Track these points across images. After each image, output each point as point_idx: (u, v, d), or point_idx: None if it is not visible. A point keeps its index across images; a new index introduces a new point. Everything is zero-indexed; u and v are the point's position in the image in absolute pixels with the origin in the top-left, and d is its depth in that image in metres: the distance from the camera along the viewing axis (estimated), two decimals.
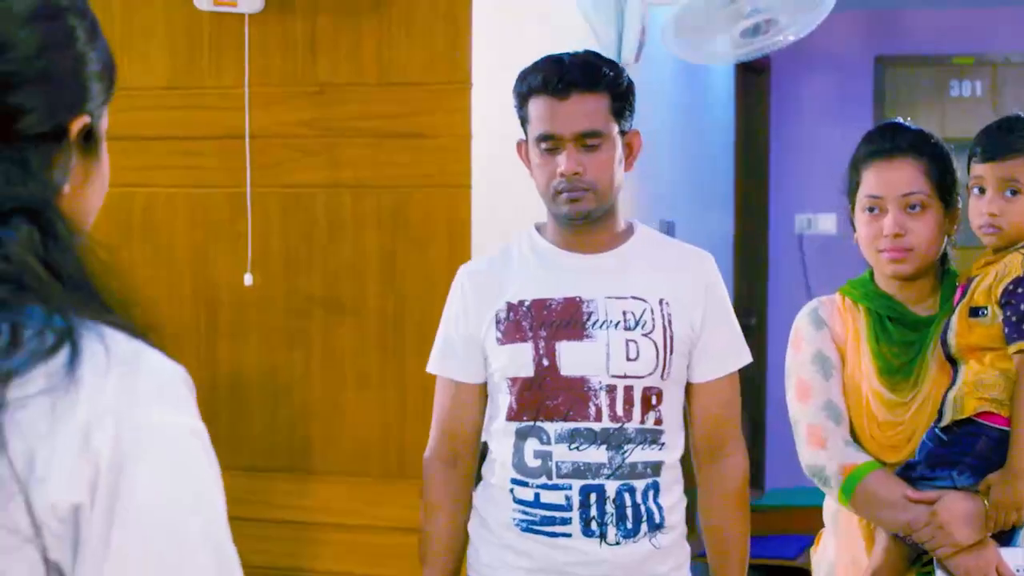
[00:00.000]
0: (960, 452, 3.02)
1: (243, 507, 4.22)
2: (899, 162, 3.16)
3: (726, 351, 3.25)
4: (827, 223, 8.74)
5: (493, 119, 4.18)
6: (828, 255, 8.49)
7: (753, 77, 8.64)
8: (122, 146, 4.53)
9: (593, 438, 3.10)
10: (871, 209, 3.17)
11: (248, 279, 4.24)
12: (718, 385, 3.25)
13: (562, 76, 3.11)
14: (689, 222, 6.86)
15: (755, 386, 8.04)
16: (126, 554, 1.24)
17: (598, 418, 3.10)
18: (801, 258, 8.65)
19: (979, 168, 3.11)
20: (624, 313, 3.13)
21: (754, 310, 8.63)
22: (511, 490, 3.18)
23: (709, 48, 5.32)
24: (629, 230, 3.27)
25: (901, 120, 3.32)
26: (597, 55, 3.23)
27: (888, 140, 3.20)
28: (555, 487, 3.12)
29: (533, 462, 3.14)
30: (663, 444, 3.16)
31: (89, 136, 1.40)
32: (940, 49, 8.75)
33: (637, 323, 3.13)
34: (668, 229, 6.34)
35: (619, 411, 3.11)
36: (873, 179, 3.18)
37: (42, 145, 1.35)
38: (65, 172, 1.37)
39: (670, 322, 3.15)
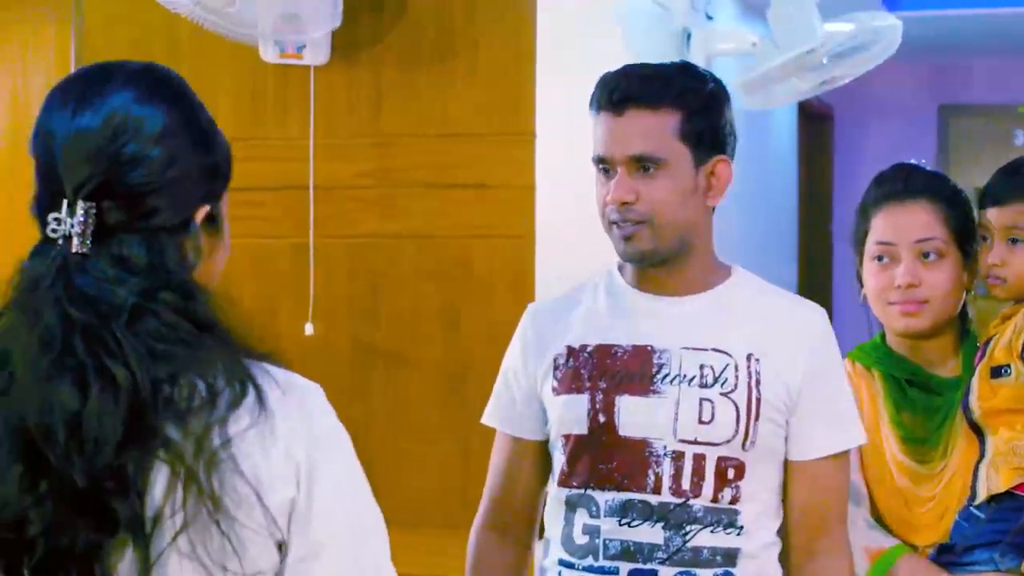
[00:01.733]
0: (1000, 530, 2.69)
1: None
2: (913, 206, 2.86)
3: (830, 426, 2.62)
4: None
5: (556, 170, 4.18)
6: None
7: (817, 127, 8.62)
8: None
9: (648, 513, 2.56)
10: (880, 258, 2.89)
11: (309, 328, 4.26)
12: (818, 467, 2.61)
13: (618, 88, 2.61)
14: (752, 273, 6.83)
15: None
16: (323, 517, 1.71)
17: (656, 490, 2.55)
18: (866, 309, 8.60)
19: (984, 214, 2.87)
20: (701, 367, 2.58)
21: None
22: (559, 573, 2.67)
23: (772, 97, 5.33)
24: (724, 273, 2.72)
25: (916, 162, 3.04)
26: (684, 66, 2.70)
27: (901, 182, 2.90)
28: (600, 570, 2.59)
29: (581, 539, 2.62)
30: (741, 528, 2.56)
31: (212, 219, 1.78)
32: (1004, 98, 8.72)
33: (716, 380, 2.57)
34: None
35: (684, 483, 2.55)
36: (884, 224, 2.88)
37: (175, 234, 1.72)
38: (197, 251, 1.75)
39: (758, 382, 2.57)
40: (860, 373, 2.94)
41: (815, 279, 8.60)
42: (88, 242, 1.66)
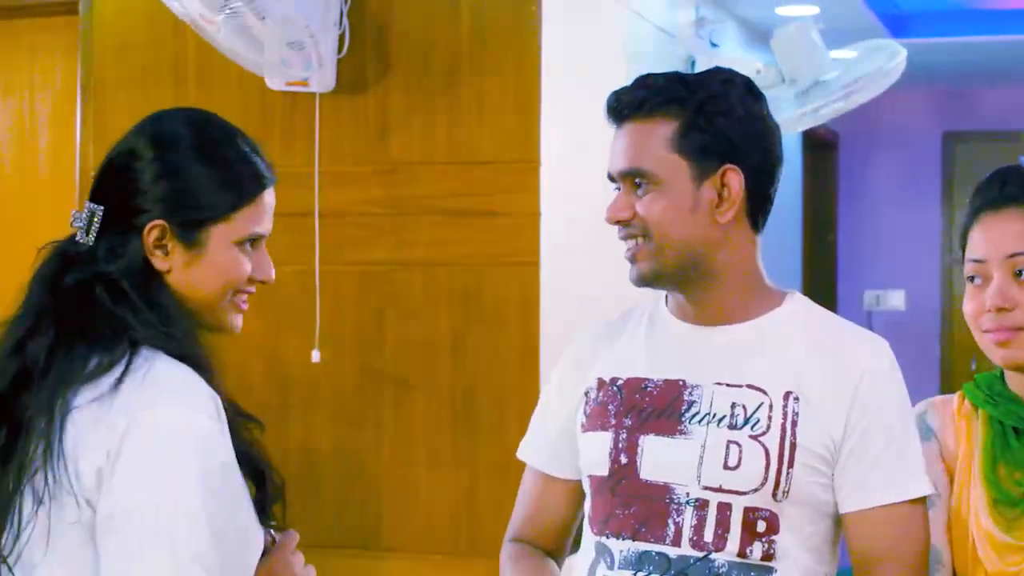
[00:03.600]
0: None
1: None
2: (1008, 215, 2.37)
3: (881, 475, 2.30)
4: (896, 299, 8.70)
5: (562, 197, 4.19)
6: (897, 332, 8.43)
7: (822, 153, 8.63)
8: None
9: (665, 567, 2.28)
10: (973, 278, 2.39)
11: (316, 355, 4.26)
12: (875, 518, 2.30)
13: (616, 97, 2.39)
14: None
15: None
16: (119, 492, 1.95)
17: (676, 542, 2.28)
18: None
19: None
20: (733, 406, 2.31)
21: None
22: None
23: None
24: (774, 300, 2.42)
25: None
26: (693, 72, 2.44)
27: (996, 187, 2.40)
28: None
29: None
30: None
31: (181, 236, 2.10)
32: (1009, 125, 8.73)
33: (747, 421, 2.29)
34: None
35: (707, 536, 2.28)
36: (976, 239, 2.39)
37: (124, 240, 2.09)
38: (134, 259, 2.08)
39: (794, 423, 2.28)
40: (966, 413, 2.45)
41: (819, 304, 8.59)
42: (87, 236, 2.10)
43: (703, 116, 2.32)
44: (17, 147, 5.17)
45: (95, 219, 2.09)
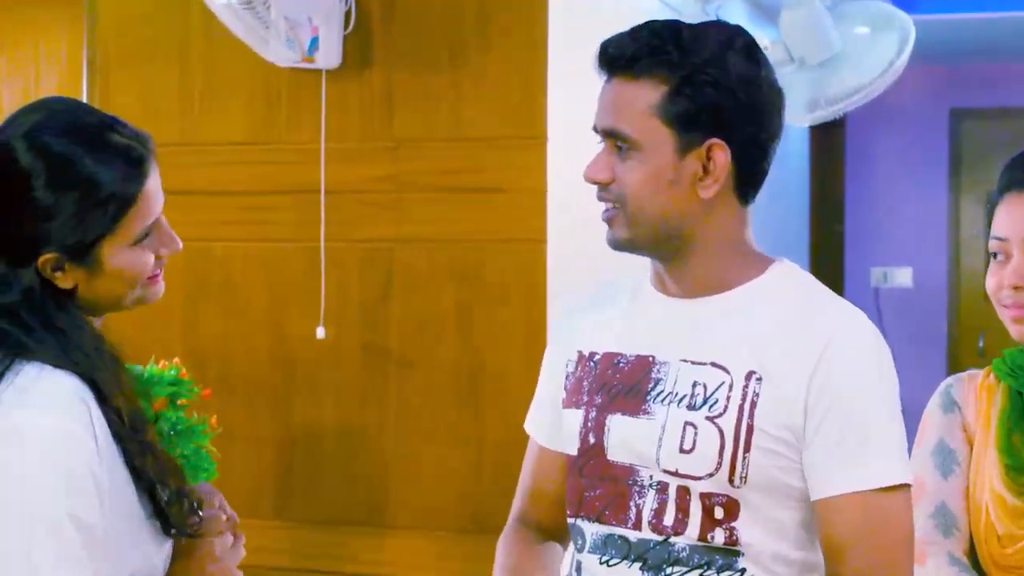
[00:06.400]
0: None
1: (319, 560, 4.23)
2: None
3: (846, 458, 2.11)
4: (903, 276, 8.69)
5: (568, 173, 4.18)
6: (904, 308, 8.43)
7: (828, 132, 8.62)
8: (200, 200, 4.63)
9: (626, 551, 2.19)
10: (995, 254, 2.45)
11: (320, 332, 4.27)
12: (839, 506, 2.11)
13: (605, 50, 2.23)
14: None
15: None
16: None
17: (636, 525, 2.18)
18: (877, 312, 8.60)
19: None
20: (694, 385, 2.17)
21: None
22: None
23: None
24: (756, 270, 2.29)
25: None
26: (692, 28, 2.23)
27: (1021, 168, 2.46)
28: None
29: None
30: (743, 572, 2.15)
31: (75, 260, 2.07)
32: (1015, 101, 8.71)
33: (705, 401, 2.15)
34: None
35: (667, 519, 2.16)
36: (1000, 216, 2.45)
37: (13, 270, 2.06)
38: (32, 284, 2.06)
39: (753, 405, 2.12)
40: (988, 387, 2.50)
41: (826, 281, 8.59)
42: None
43: (692, 85, 2.15)
44: None
45: None
